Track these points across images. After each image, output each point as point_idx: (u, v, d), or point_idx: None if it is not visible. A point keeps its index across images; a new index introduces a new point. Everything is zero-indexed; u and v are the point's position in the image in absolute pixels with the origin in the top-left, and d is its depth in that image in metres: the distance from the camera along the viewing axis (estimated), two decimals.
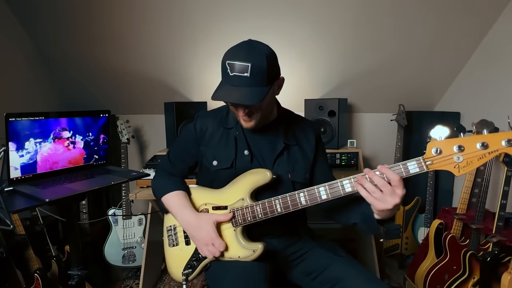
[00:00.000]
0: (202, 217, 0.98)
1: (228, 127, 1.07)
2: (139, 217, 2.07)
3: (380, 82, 2.21)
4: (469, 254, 1.47)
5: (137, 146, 2.53)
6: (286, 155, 1.05)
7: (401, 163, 0.80)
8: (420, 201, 2.13)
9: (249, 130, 1.04)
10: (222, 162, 1.05)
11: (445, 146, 0.77)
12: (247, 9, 1.82)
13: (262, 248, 0.93)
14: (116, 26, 1.90)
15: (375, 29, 1.91)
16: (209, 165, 1.07)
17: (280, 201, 0.92)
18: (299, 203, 0.90)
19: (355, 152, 2.13)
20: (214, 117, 1.10)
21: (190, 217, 0.99)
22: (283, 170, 1.03)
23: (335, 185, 0.87)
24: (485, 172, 1.54)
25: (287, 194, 0.91)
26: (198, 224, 0.97)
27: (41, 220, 1.71)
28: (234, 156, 1.04)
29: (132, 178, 1.20)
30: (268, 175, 0.96)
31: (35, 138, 1.05)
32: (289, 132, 1.07)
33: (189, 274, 1.01)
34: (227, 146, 1.05)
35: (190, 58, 2.08)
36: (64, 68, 2.13)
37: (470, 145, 0.75)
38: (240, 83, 0.88)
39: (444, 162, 0.77)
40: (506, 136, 0.71)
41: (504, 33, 1.76)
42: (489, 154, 0.73)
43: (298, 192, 0.90)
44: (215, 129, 1.07)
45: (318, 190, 0.88)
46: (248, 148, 1.04)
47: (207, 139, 1.08)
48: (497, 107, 1.79)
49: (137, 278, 2.07)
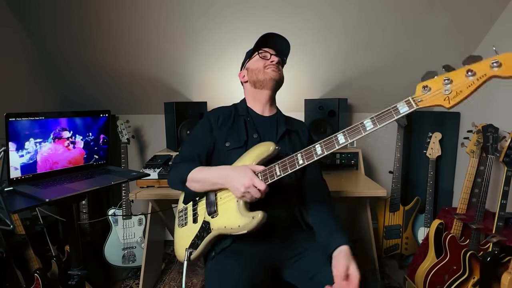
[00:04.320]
0: (240, 167, 1.00)
1: (240, 114, 1.21)
2: (139, 217, 2.07)
3: (380, 82, 2.21)
4: (469, 254, 1.47)
5: (137, 146, 2.53)
6: (287, 139, 1.19)
7: (391, 106, 0.81)
8: (420, 201, 2.13)
9: (257, 118, 1.21)
10: (234, 142, 1.14)
11: (433, 83, 0.77)
12: (247, 9, 1.82)
13: (261, 215, 0.93)
14: (116, 26, 1.90)
15: (375, 29, 1.91)
16: (222, 146, 1.14)
17: (279, 166, 0.95)
18: (296, 162, 0.92)
19: (355, 152, 2.13)
20: (224, 111, 1.23)
21: (226, 170, 1.01)
22: (284, 150, 1.13)
23: (329, 140, 0.88)
24: (485, 172, 1.54)
25: (285, 158, 0.95)
26: (236, 172, 0.97)
27: (41, 220, 1.72)
28: (246, 138, 1.14)
29: (132, 178, 1.20)
30: (272, 147, 1.03)
31: (35, 138, 1.05)
32: (288, 123, 1.24)
33: (191, 253, 1.03)
34: (238, 130, 1.17)
35: (190, 58, 2.08)
36: (64, 68, 2.13)
37: (457, 76, 0.74)
38: (277, 38, 1.18)
39: (433, 97, 0.76)
40: (492, 59, 0.69)
41: (504, 33, 1.76)
42: (477, 80, 0.71)
43: (295, 154, 0.94)
44: (227, 117, 1.19)
45: (314, 148, 0.90)
46: (257, 132, 1.17)
47: (220, 125, 1.17)
48: (497, 107, 1.79)
49: (137, 278, 2.07)
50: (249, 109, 1.23)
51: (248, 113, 1.22)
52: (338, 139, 0.87)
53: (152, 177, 1.69)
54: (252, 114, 1.22)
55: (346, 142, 0.86)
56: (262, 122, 1.21)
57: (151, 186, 1.71)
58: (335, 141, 0.87)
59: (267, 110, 1.23)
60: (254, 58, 1.21)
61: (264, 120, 1.22)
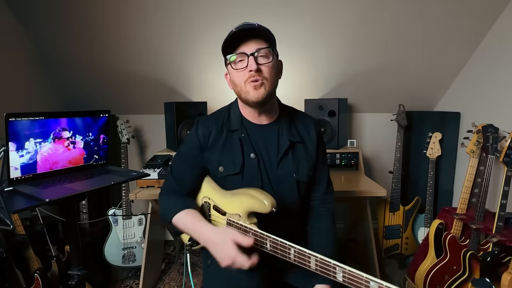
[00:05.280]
0: (222, 233, 0.89)
1: (232, 129, 1.02)
2: (139, 217, 2.07)
3: (380, 82, 2.21)
4: (469, 254, 1.47)
5: (137, 146, 2.53)
6: (291, 154, 1.02)
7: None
8: (420, 201, 2.13)
9: (254, 130, 1.02)
10: (229, 167, 1.00)
11: None
12: (246, 8, 1.81)
13: (256, 259, 0.91)
14: (115, 27, 1.90)
15: (376, 29, 1.91)
16: (215, 171, 1.02)
17: (271, 242, 0.85)
18: (287, 255, 0.83)
19: (355, 152, 2.13)
20: (216, 120, 1.04)
21: (208, 233, 0.91)
22: (288, 169, 1.01)
23: (327, 265, 0.76)
24: (485, 172, 1.54)
25: (279, 241, 0.83)
26: (218, 241, 0.89)
27: (41, 220, 1.71)
28: (242, 160, 0.99)
29: (132, 178, 1.20)
30: (267, 208, 0.87)
31: (35, 138, 1.05)
32: (293, 129, 1.05)
33: (192, 245, 1.02)
34: (232, 150, 1.01)
35: (189, 58, 2.08)
36: (63, 68, 2.13)
37: None
38: (249, 30, 0.92)
39: None
40: None
41: (504, 33, 1.76)
42: None
43: (290, 245, 0.82)
44: (219, 133, 1.02)
45: (309, 260, 0.79)
46: (254, 151, 1.01)
47: (211, 144, 1.02)
48: (497, 107, 1.79)
49: (137, 278, 2.07)
50: (244, 119, 1.03)
51: (243, 125, 1.02)
52: (336, 274, 0.75)
53: (152, 177, 1.69)
54: (248, 126, 1.03)
55: (341, 281, 0.75)
56: (260, 134, 1.03)
57: (151, 186, 1.71)
58: (332, 272, 0.75)
59: (264, 118, 1.03)
60: (229, 67, 0.97)
61: (262, 131, 1.03)
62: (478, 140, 1.62)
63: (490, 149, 1.51)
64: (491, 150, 1.51)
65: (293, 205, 1.02)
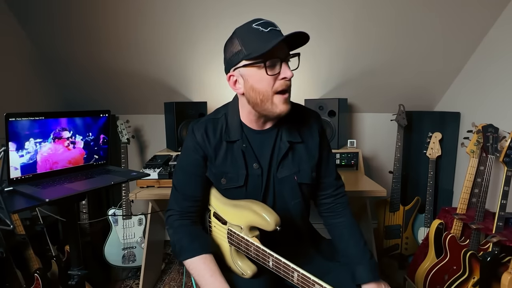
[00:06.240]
0: None
1: (232, 140, 0.96)
2: (139, 217, 2.07)
3: (380, 82, 2.21)
4: (469, 254, 1.47)
5: (137, 146, 2.53)
6: (291, 156, 0.98)
7: None
8: (420, 201, 2.13)
9: (254, 137, 0.97)
10: (232, 180, 0.96)
11: None
12: (246, 7, 1.81)
13: (250, 274, 0.93)
14: (114, 27, 1.90)
15: (376, 29, 1.91)
16: (217, 183, 0.98)
17: (274, 261, 0.84)
18: (290, 277, 0.82)
19: (355, 152, 2.13)
20: (214, 128, 0.97)
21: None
22: (288, 172, 0.98)
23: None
24: (485, 172, 1.54)
25: (282, 261, 0.82)
26: None
27: (41, 220, 1.71)
28: (245, 172, 0.95)
29: (132, 178, 1.20)
30: (271, 226, 0.85)
31: (35, 138, 1.05)
32: (293, 128, 0.99)
33: None
34: (234, 162, 0.96)
35: (189, 58, 2.08)
36: (63, 68, 2.13)
37: None
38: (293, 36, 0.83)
39: None
40: None
41: (505, 33, 1.76)
42: None
43: (294, 269, 0.81)
44: (218, 143, 0.96)
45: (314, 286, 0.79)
46: (257, 161, 0.96)
47: (211, 154, 0.96)
48: (497, 107, 1.79)
49: (137, 278, 2.07)
50: (244, 127, 0.97)
51: (244, 134, 0.96)
52: None
53: (152, 177, 1.69)
54: (248, 134, 0.97)
55: None
56: (261, 140, 0.98)
57: (151, 186, 1.71)
58: None
59: (268, 124, 0.98)
60: (256, 68, 0.85)
61: (263, 137, 0.98)
62: (478, 140, 1.62)
63: (490, 149, 1.51)
64: (491, 150, 1.51)
65: (296, 206, 1.01)
